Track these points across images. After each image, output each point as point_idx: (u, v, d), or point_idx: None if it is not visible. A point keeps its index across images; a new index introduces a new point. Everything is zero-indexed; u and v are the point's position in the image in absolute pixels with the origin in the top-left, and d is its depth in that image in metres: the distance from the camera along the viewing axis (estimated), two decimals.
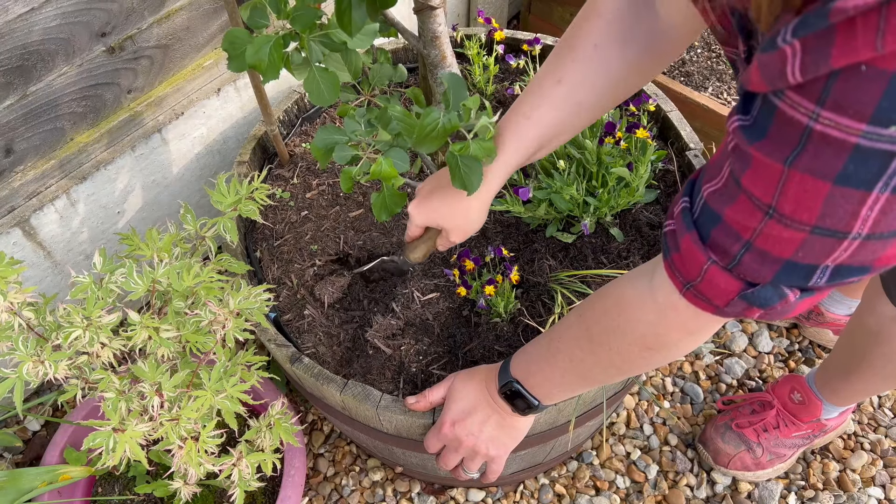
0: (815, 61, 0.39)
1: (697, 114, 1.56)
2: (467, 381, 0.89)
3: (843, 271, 0.49)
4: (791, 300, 0.52)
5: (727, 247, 0.52)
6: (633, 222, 1.11)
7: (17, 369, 0.75)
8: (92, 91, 1.12)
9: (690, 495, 1.32)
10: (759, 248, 0.50)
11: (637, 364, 0.71)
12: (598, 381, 0.77)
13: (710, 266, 0.54)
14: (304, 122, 1.29)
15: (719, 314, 0.58)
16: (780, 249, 0.49)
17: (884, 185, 0.41)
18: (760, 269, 0.51)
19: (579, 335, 0.74)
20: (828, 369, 1.20)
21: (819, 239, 0.46)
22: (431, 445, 0.91)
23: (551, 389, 0.81)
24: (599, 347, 0.72)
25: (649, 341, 0.66)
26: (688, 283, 0.58)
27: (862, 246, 0.46)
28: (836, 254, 0.47)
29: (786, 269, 0.50)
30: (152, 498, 1.14)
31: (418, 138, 0.79)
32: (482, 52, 1.30)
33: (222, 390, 0.78)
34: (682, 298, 0.59)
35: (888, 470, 1.34)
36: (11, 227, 1.11)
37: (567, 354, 0.76)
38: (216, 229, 0.88)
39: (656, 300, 0.63)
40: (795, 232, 0.47)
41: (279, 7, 0.79)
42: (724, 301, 0.56)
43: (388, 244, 1.11)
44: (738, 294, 0.54)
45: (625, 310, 0.67)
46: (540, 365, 0.81)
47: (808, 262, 0.49)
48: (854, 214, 0.44)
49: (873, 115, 0.39)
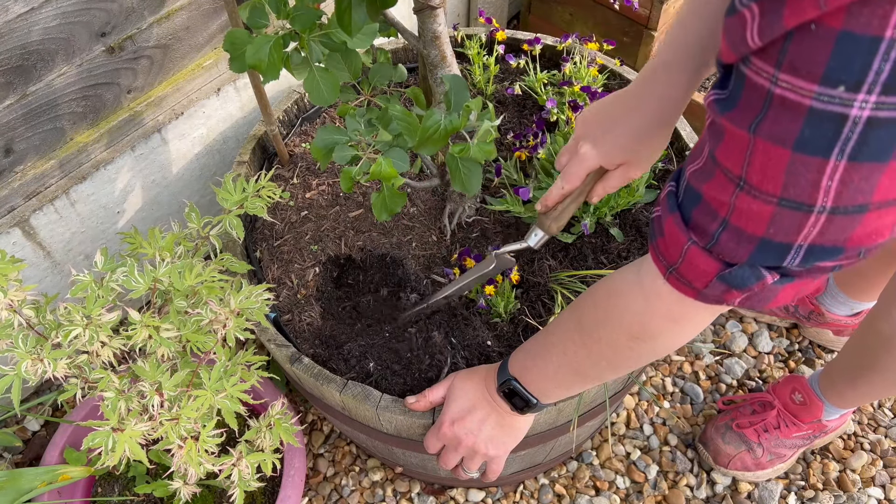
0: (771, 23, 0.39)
1: (697, 113, 1.56)
2: (466, 381, 0.89)
3: (816, 251, 0.49)
4: (768, 282, 0.53)
5: (706, 226, 0.53)
6: (633, 222, 1.11)
7: (16, 367, 0.75)
8: (92, 91, 1.12)
9: (690, 495, 1.32)
10: (734, 226, 0.51)
11: (625, 357, 0.71)
12: (590, 376, 0.77)
13: (689, 246, 0.55)
14: (304, 122, 1.29)
15: (700, 298, 0.59)
16: (753, 226, 0.49)
17: (839, 151, 0.41)
18: (737, 249, 0.52)
19: (571, 328, 0.75)
20: (833, 373, 1.20)
21: (787, 212, 0.46)
22: (431, 445, 0.91)
23: (547, 386, 0.81)
24: (590, 339, 0.72)
25: (635, 330, 0.67)
26: (670, 266, 0.59)
27: (829, 221, 0.46)
28: (805, 230, 0.47)
29: (760, 248, 0.50)
30: (152, 498, 1.14)
31: (420, 140, 0.79)
32: (482, 52, 1.30)
33: (222, 390, 0.78)
34: (666, 284, 0.60)
35: (888, 470, 1.34)
36: (11, 227, 1.11)
37: (560, 348, 0.77)
38: (222, 226, 0.88)
39: (643, 287, 0.64)
40: (764, 204, 0.47)
41: (279, 7, 0.79)
42: (704, 283, 0.56)
43: (388, 244, 1.11)
44: (716, 275, 0.55)
45: (613, 298, 0.69)
46: (535, 361, 0.81)
47: (781, 241, 0.49)
48: (815, 185, 0.44)
49: (823, 74, 0.39)
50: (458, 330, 1.01)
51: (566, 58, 1.25)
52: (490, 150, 0.82)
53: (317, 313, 1.05)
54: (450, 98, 0.82)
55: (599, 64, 1.27)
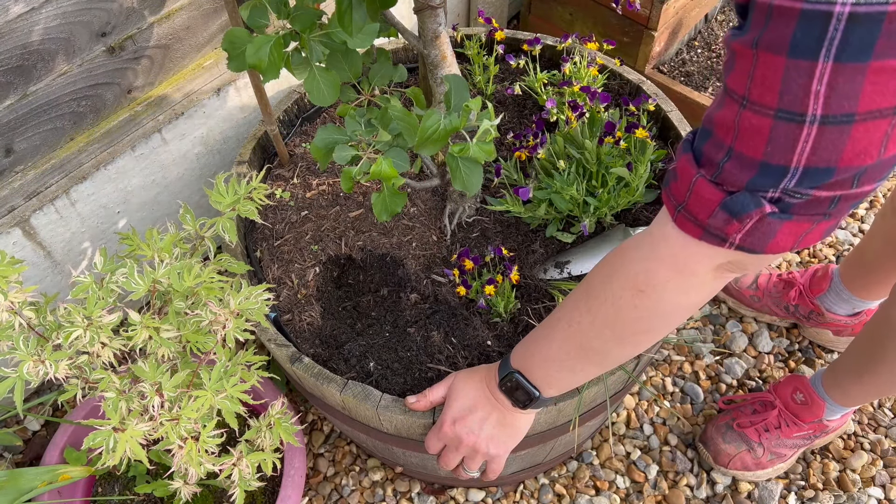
0: None
1: (697, 114, 1.56)
2: (468, 380, 0.89)
3: (811, 174, 0.52)
4: (766, 211, 0.55)
5: (713, 156, 0.57)
6: (634, 222, 1.11)
7: (18, 369, 0.75)
8: (92, 91, 1.12)
9: (690, 495, 1.32)
10: (737, 152, 0.54)
11: (629, 319, 0.71)
12: (594, 350, 0.77)
13: (697, 179, 0.58)
14: (304, 122, 1.29)
15: (705, 236, 0.60)
16: (753, 148, 0.53)
17: (826, 52, 0.46)
18: (739, 175, 0.55)
19: (579, 296, 0.77)
20: (838, 369, 1.19)
21: (782, 125, 0.50)
22: (432, 445, 0.91)
23: (549, 370, 0.81)
24: (595, 301, 0.73)
25: (640, 280, 0.68)
26: (679, 204, 0.61)
27: (820, 134, 0.49)
28: (799, 146, 0.50)
29: (760, 172, 0.54)
30: (152, 498, 1.14)
31: (420, 141, 0.79)
32: (482, 52, 1.30)
33: (222, 390, 0.78)
34: (674, 225, 0.63)
35: (888, 470, 1.34)
36: (11, 227, 1.11)
37: (566, 321, 0.77)
38: (215, 229, 0.88)
39: (651, 234, 0.67)
40: (762, 118, 0.51)
41: (279, 7, 0.80)
42: (707, 213, 0.59)
43: (389, 244, 1.11)
44: (719, 203, 0.57)
45: (621, 252, 0.72)
46: (538, 343, 0.81)
47: (778, 162, 0.52)
48: (806, 90, 0.48)
49: None
50: (458, 330, 1.01)
51: (566, 58, 1.25)
52: (490, 150, 0.82)
53: (317, 313, 1.05)
54: (450, 98, 0.82)
55: (599, 64, 1.27)
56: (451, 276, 1.07)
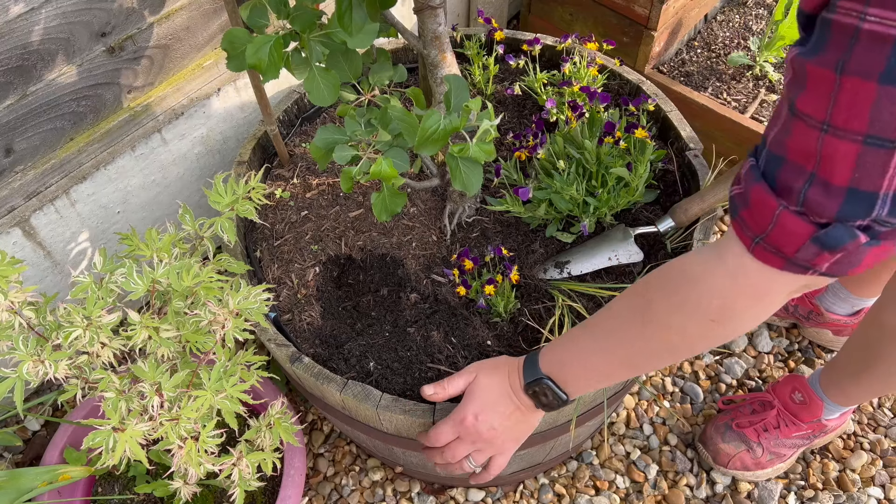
0: None
1: (697, 114, 1.56)
2: (492, 375, 0.89)
3: None
4: (861, 241, 0.54)
5: (792, 184, 0.54)
6: (633, 222, 1.11)
7: (18, 369, 0.75)
8: (92, 91, 1.12)
9: (690, 495, 1.32)
10: (821, 179, 0.52)
11: (695, 343, 0.70)
12: (640, 367, 0.77)
13: (781, 211, 0.56)
14: (304, 122, 1.29)
15: (788, 266, 0.58)
16: (839, 175, 0.51)
17: None
18: (826, 203, 0.53)
19: (630, 318, 0.74)
20: (836, 368, 1.19)
21: (872, 151, 0.49)
22: (444, 436, 0.90)
23: (589, 378, 0.81)
24: (658, 327, 0.71)
25: (716, 312, 0.66)
26: (757, 236, 0.59)
27: None
28: (890, 171, 0.49)
29: (849, 200, 0.52)
30: (152, 498, 1.14)
31: (420, 141, 0.79)
32: (482, 52, 1.30)
33: (222, 390, 0.78)
34: (751, 257, 0.60)
35: (888, 470, 1.34)
36: (11, 226, 1.11)
37: (616, 339, 0.76)
38: (214, 229, 0.88)
39: (726, 265, 0.63)
40: (850, 143, 0.49)
41: (279, 7, 0.80)
42: (795, 247, 0.56)
43: (389, 244, 1.11)
44: (809, 237, 0.55)
45: (692, 283, 0.67)
46: (577, 355, 0.80)
47: (867, 189, 0.51)
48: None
49: None
50: (457, 330, 1.02)
51: (566, 58, 1.25)
52: (490, 150, 0.82)
53: (317, 313, 1.05)
54: (450, 98, 0.82)
55: (599, 64, 1.27)
56: (451, 275, 1.07)
